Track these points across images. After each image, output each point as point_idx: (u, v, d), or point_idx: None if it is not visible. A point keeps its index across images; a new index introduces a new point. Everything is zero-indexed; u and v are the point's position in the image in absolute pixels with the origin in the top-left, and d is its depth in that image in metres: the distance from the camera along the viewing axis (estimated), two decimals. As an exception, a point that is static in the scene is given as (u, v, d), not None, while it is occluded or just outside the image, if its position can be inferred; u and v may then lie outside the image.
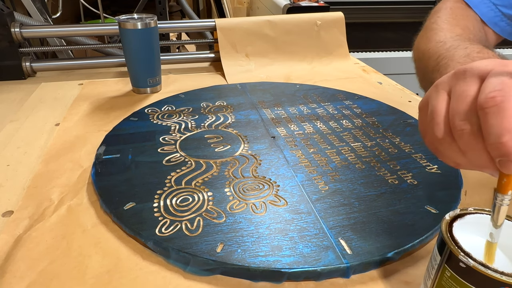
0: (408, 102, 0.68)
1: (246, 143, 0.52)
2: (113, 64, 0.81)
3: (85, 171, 0.47)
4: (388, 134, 0.55)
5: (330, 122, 0.58)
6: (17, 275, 0.32)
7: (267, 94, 0.68)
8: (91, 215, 0.39)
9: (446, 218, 0.27)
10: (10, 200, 0.42)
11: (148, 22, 0.64)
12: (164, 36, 1.07)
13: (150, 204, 0.39)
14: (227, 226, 0.37)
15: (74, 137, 0.54)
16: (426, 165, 0.47)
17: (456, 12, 0.56)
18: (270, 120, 0.59)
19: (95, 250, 0.35)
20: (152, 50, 0.67)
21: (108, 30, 0.79)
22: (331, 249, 0.34)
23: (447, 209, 0.38)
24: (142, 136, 0.53)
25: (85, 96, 0.68)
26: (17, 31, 0.72)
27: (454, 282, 0.25)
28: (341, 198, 0.41)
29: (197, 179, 0.44)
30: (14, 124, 0.58)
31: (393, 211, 0.39)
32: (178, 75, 0.79)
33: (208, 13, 2.10)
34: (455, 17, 0.55)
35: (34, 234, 0.37)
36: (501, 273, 0.23)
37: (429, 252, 0.36)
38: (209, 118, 0.59)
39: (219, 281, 0.33)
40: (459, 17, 0.55)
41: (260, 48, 0.82)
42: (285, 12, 1.12)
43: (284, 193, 0.42)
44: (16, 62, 0.74)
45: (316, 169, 0.46)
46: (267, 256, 0.33)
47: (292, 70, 0.82)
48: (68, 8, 1.39)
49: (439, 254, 0.26)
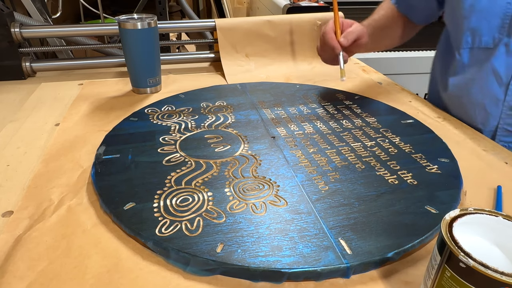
0: (408, 102, 0.68)
1: (246, 143, 0.52)
2: (113, 64, 0.81)
3: (85, 171, 0.47)
4: (388, 134, 0.55)
5: (330, 122, 0.58)
6: (17, 275, 0.32)
7: (267, 94, 0.68)
8: (91, 215, 0.39)
9: (446, 218, 0.27)
10: (10, 200, 0.42)
11: (148, 22, 0.64)
12: (164, 36, 1.07)
13: (150, 204, 0.39)
14: (227, 226, 0.37)
15: (74, 137, 0.54)
16: (426, 165, 0.47)
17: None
18: (270, 120, 0.59)
19: (95, 250, 0.35)
20: (152, 50, 0.67)
21: (108, 30, 0.79)
22: (331, 249, 0.34)
23: (447, 209, 0.38)
24: (142, 136, 0.53)
25: (85, 96, 0.68)
26: (17, 31, 0.72)
27: (454, 282, 0.25)
28: (341, 198, 0.41)
29: (197, 179, 0.44)
30: (14, 124, 0.58)
31: (393, 211, 0.39)
32: (178, 75, 0.79)
33: (208, 13, 2.10)
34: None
35: (34, 234, 0.37)
36: (501, 273, 0.23)
37: (429, 252, 0.36)
38: (209, 118, 0.59)
39: (219, 281, 0.33)
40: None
41: (260, 48, 0.82)
42: (285, 12, 1.12)
43: (284, 193, 0.42)
44: (16, 62, 0.74)
45: (316, 169, 0.46)
46: (267, 256, 0.33)
47: (292, 70, 0.82)
48: (68, 8, 1.39)
49: (439, 254, 0.26)
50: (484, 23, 0.56)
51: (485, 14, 0.56)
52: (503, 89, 0.56)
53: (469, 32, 0.58)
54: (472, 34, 0.58)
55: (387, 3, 0.75)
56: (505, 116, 0.57)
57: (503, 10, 0.54)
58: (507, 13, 0.54)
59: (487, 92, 0.58)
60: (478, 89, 0.59)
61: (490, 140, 0.56)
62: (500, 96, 0.57)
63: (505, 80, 0.56)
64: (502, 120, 0.58)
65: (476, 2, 0.56)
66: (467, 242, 0.25)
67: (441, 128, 0.59)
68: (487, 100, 0.58)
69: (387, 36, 0.76)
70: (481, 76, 0.58)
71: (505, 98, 0.56)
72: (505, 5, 0.54)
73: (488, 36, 0.56)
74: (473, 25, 0.58)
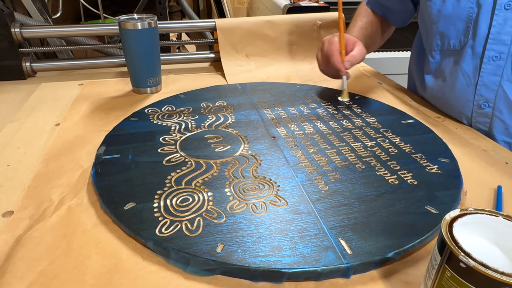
0: (408, 102, 0.68)
1: (246, 143, 0.52)
2: (113, 64, 0.81)
3: (85, 171, 0.47)
4: (388, 134, 0.55)
5: (330, 122, 0.58)
6: (17, 275, 0.32)
7: (267, 94, 0.68)
8: (91, 215, 0.39)
9: (446, 218, 0.27)
10: (10, 200, 0.42)
11: (148, 22, 0.64)
12: (164, 36, 1.07)
13: (150, 204, 0.39)
14: (227, 226, 0.37)
15: (74, 137, 0.54)
16: (426, 165, 0.47)
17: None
18: (270, 120, 0.59)
19: (95, 250, 0.35)
20: (152, 50, 0.67)
21: (108, 30, 0.79)
22: (331, 249, 0.34)
23: (447, 209, 0.38)
24: (142, 136, 0.53)
25: (85, 96, 0.68)
26: (17, 31, 0.72)
27: (454, 282, 0.25)
28: (341, 198, 0.41)
29: (197, 179, 0.44)
30: (14, 124, 0.58)
31: (393, 211, 0.39)
32: (178, 75, 0.79)
33: (208, 13, 2.10)
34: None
35: (34, 234, 0.37)
36: (501, 273, 0.23)
37: (429, 252, 0.36)
38: (209, 118, 0.59)
39: (219, 281, 0.33)
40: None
41: (260, 48, 0.82)
42: (285, 12, 1.12)
43: (284, 193, 0.42)
44: (16, 62, 0.74)
45: (316, 169, 0.46)
46: (267, 256, 0.33)
47: (292, 70, 0.82)
48: (68, 8, 1.39)
49: (439, 254, 0.26)
50: (451, 27, 0.59)
51: (451, 19, 0.59)
52: (471, 89, 0.59)
53: (439, 36, 0.62)
54: (441, 38, 0.62)
55: (364, 9, 0.78)
56: (476, 115, 0.59)
57: (466, 15, 0.57)
58: (470, 18, 0.57)
59: (459, 92, 0.60)
60: (451, 89, 0.61)
61: (490, 140, 0.56)
62: (470, 96, 0.59)
63: (473, 80, 0.58)
64: (474, 119, 0.60)
65: (443, 7, 0.60)
66: (467, 242, 0.25)
67: (441, 128, 0.59)
68: (459, 100, 0.61)
69: (374, 43, 0.79)
70: (452, 77, 0.61)
71: (474, 97, 0.59)
72: (467, 10, 0.57)
73: (455, 40, 0.60)
74: (441, 29, 0.61)
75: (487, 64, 0.56)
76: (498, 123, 0.58)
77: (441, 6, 0.60)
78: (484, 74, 0.57)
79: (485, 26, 0.56)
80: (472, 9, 0.57)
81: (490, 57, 0.56)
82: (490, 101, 0.57)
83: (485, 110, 0.58)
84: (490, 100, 0.57)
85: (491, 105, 0.58)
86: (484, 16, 0.56)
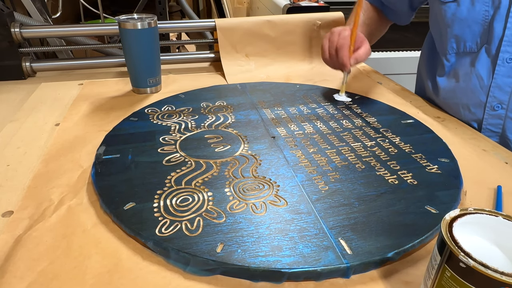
0: (408, 102, 0.68)
1: (246, 143, 0.52)
2: (113, 64, 0.81)
3: (85, 171, 0.47)
4: (388, 134, 0.55)
5: (330, 122, 0.58)
6: (17, 275, 0.32)
7: (267, 94, 0.68)
8: (91, 215, 0.39)
9: (446, 218, 0.27)
10: (10, 200, 0.42)
11: (148, 22, 0.64)
12: (164, 36, 1.07)
13: (150, 204, 0.39)
14: (227, 226, 0.37)
15: (74, 137, 0.54)
16: (426, 165, 0.47)
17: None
18: (270, 120, 0.59)
19: (95, 250, 0.35)
20: (152, 50, 0.67)
21: (108, 30, 0.79)
22: (331, 249, 0.34)
23: (447, 209, 0.38)
24: (142, 136, 0.53)
25: (85, 96, 0.68)
26: (17, 31, 0.72)
27: (454, 282, 0.25)
28: (341, 198, 0.41)
29: (197, 179, 0.44)
30: (14, 124, 0.58)
31: (393, 211, 0.39)
32: (178, 75, 0.79)
33: (208, 13, 2.10)
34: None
35: (34, 234, 0.37)
36: (501, 273, 0.23)
37: (429, 252, 0.36)
38: (209, 118, 0.59)
39: (219, 281, 0.33)
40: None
41: (260, 48, 0.82)
42: (285, 12, 1.12)
43: (284, 193, 0.42)
44: (16, 62, 0.74)
45: (316, 169, 0.46)
46: (267, 256, 0.33)
47: (292, 70, 0.82)
48: (68, 8, 1.39)
49: (439, 254, 0.26)
50: (466, 30, 0.60)
51: (466, 22, 0.60)
52: (485, 91, 0.59)
53: (454, 39, 0.62)
54: (456, 41, 0.62)
55: (364, 3, 0.78)
56: (487, 117, 0.60)
57: (482, 17, 0.58)
58: (486, 20, 0.58)
59: (472, 94, 0.61)
60: (464, 91, 0.62)
61: (490, 140, 0.56)
62: (482, 98, 0.60)
63: (486, 82, 0.59)
64: (485, 120, 0.61)
65: (458, 11, 0.60)
66: (467, 242, 0.25)
67: (441, 128, 0.59)
68: (471, 102, 0.61)
69: (374, 37, 0.81)
70: (466, 79, 0.61)
71: (487, 99, 0.59)
72: (483, 13, 0.58)
73: (471, 42, 0.60)
74: (456, 32, 0.61)
75: (501, 66, 0.57)
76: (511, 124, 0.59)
77: (456, 9, 0.60)
78: (498, 76, 0.58)
79: (500, 28, 0.56)
80: (488, 12, 0.57)
81: (504, 59, 0.57)
82: (504, 103, 0.58)
83: (499, 112, 0.59)
84: (503, 102, 0.58)
85: (505, 106, 0.58)
86: (499, 18, 0.56)
